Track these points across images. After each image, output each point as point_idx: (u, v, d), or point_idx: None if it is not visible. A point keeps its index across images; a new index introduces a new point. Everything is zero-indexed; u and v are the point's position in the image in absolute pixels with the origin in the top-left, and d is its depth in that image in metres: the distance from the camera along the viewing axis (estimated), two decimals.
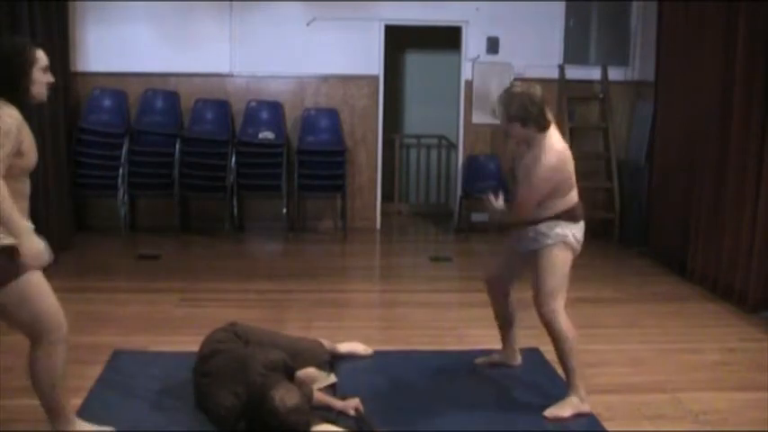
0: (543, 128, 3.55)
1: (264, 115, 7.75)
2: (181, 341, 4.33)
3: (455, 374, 4.08)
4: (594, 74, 8.03)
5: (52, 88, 3.10)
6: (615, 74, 7.96)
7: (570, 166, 3.64)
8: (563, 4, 7.95)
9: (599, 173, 8.08)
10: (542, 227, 3.65)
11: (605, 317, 5.24)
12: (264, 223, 7.81)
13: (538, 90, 3.57)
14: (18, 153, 2.87)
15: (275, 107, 7.76)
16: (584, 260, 6.91)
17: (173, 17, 7.55)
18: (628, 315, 5.26)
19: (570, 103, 7.91)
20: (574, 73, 7.91)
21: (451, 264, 6.91)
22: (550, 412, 3.59)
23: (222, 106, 7.69)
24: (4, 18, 5.58)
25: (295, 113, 7.83)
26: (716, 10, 5.88)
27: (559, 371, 4.09)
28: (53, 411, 3.16)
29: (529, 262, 3.75)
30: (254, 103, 7.73)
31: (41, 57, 3.02)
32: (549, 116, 3.60)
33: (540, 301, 3.69)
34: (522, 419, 3.56)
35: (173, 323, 4.90)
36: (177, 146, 7.35)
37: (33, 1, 5.94)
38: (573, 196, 3.68)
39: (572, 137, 7.77)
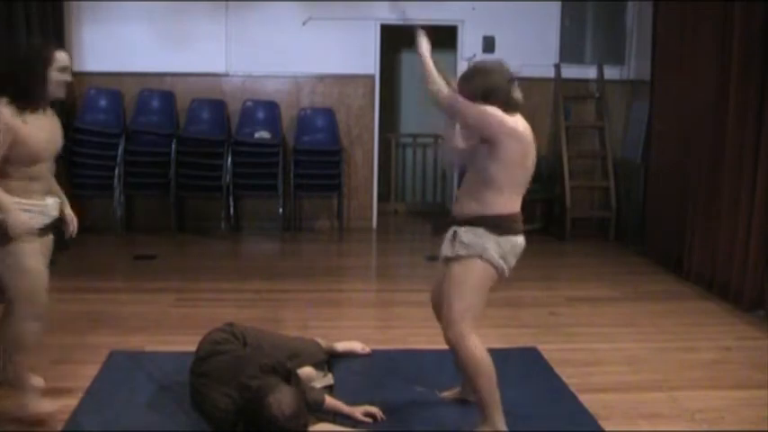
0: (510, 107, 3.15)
1: (260, 115, 7.75)
2: (177, 341, 4.32)
3: (452, 374, 4.08)
4: (590, 73, 8.04)
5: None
6: (611, 73, 7.97)
7: (523, 150, 3.12)
8: (559, 3, 7.95)
9: (595, 172, 8.10)
10: (462, 231, 3.19)
11: (601, 316, 5.24)
12: (261, 223, 7.81)
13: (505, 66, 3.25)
14: (13, 146, 3.13)
15: (271, 107, 7.76)
16: (580, 259, 7.03)
17: (168, 17, 7.54)
18: (624, 314, 5.27)
19: (566, 102, 7.92)
20: (570, 72, 7.92)
21: None
22: None
23: (218, 106, 7.69)
24: (1, 18, 5.57)
25: (291, 113, 7.83)
26: (711, 9, 5.89)
27: (557, 370, 4.11)
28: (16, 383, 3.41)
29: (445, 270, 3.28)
30: (249, 103, 7.73)
31: (60, 57, 3.27)
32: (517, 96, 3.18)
33: (445, 323, 3.24)
34: (519, 419, 3.55)
35: (169, 323, 4.89)
36: (173, 146, 7.35)
37: (29, 1, 5.93)
38: (513, 200, 3.17)
39: (568, 136, 7.79)
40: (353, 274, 6.59)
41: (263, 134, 7.58)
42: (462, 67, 7.93)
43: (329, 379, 3.89)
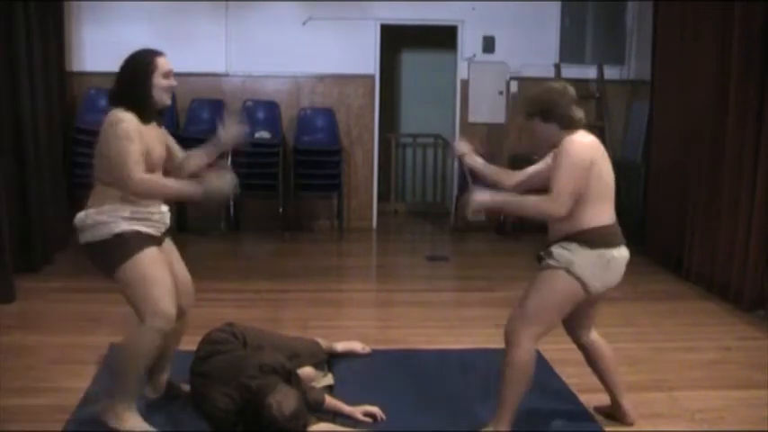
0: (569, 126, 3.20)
1: (260, 115, 7.75)
2: None
3: (452, 374, 4.08)
4: (590, 73, 8.05)
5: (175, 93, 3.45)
6: (611, 73, 7.97)
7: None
8: (559, 3, 7.96)
9: None
10: (554, 247, 3.21)
11: (601, 315, 5.17)
12: (261, 223, 7.80)
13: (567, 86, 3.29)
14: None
15: (271, 107, 7.76)
16: None
17: (168, 17, 7.53)
18: (624, 314, 5.26)
19: None
20: (570, 72, 7.91)
21: (448, 263, 6.92)
22: None
23: (218, 106, 7.69)
24: (0, 17, 5.57)
25: (291, 113, 7.84)
26: (711, 9, 5.89)
27: (558, 369, 4.11)
28: (118, 389, 3.27)
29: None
30: (250, 103, 7.73)
31: (162, 62, 3.36)
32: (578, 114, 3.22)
33: (510, 316, 3.26)
34: (519, 419, 3.55)
35: None
36: None
37: (29, 0, 5.93)
38: (600, 212, 3.18)
39: None
40: (353, 274, 6.59)
41: (263, 134, 7.58)
42: (462, 66, 7.97)
43: (329, 379, 3.89)
